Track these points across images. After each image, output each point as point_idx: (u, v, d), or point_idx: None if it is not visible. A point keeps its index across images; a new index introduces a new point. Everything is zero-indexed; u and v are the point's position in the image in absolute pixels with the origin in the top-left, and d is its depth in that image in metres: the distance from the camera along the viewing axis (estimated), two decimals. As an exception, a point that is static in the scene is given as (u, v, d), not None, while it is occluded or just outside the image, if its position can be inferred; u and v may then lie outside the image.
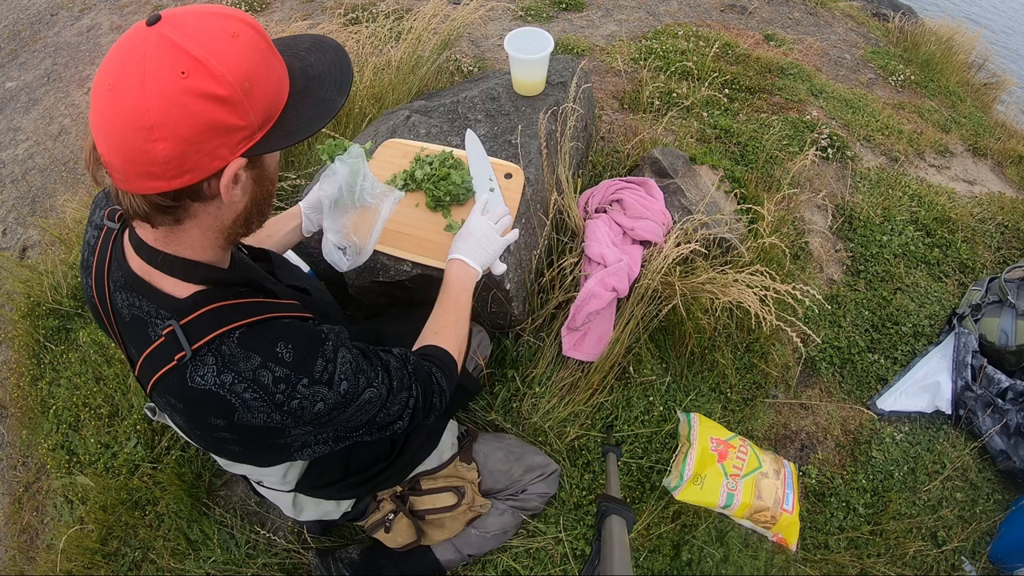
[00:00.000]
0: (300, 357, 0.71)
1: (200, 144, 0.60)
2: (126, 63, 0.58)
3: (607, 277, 1.57)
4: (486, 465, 1.35)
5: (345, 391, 0.74)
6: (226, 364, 0.68)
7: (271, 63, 0.65)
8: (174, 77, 0.56)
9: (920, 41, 3.65)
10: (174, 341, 0.69)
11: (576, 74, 1.81)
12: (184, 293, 0.72)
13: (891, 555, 1.60)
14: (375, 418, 0.83)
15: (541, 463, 1.42)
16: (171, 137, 0.58)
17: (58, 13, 3.96)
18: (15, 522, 1.70)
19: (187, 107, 0.57)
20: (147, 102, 0.56)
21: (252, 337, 0.70)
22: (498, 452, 1.38)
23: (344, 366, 0.75)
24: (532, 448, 1.47)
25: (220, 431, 0.73)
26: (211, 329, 0.69)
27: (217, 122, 0.59)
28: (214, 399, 0.69)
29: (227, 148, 0.62)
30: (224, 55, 0.59)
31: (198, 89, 0.57)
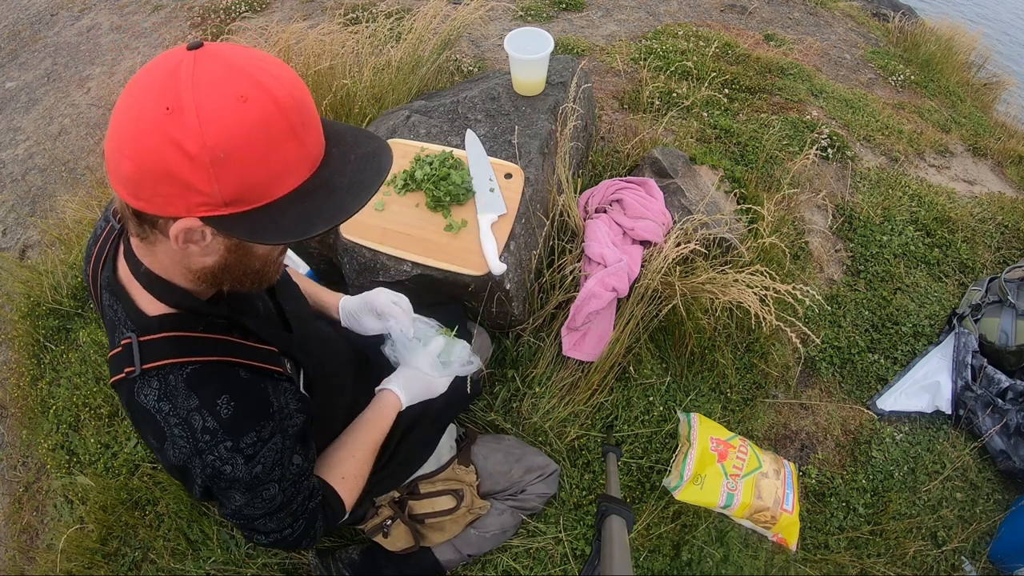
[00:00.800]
0: (235, 420, 0.70)
1: (155, 182, 0.57)
2: (145, 77, 0.58)
3: (607, 277, 1.57)
4: (485, 467, 1.35)
5: (256, 474, 0.72)
6: (167, 393, 0.68)
7: (276, 149, 0.58)
8: (159, 109, 0.55)
9: (920, 41, 3.65)
10: (128, 354, 0.69)
11: (576, 74, 1.81)
12: (154, 312, 0.71)
13: (891, 555, 1.60)
14: (256, 518, 0.79)
15: (541, 464, 1.42)
16: (132, 160, 0.56)
17: (58, 13, 3.96)
18: (15, 522, 1.70)
19: (154, 142, 0.55)
20: (130, 120, 0.56)
21: (200, 378, 0.69)
22: (497, 454, 1.38)
23: (270, 452, 0.73)
24: (532, 449, 1.47)
25: (156, 452, 0.74)
26: (165, 356, 0.68)
27: (175, 173, 0.56)
28: (152, 421, 0.69)
29: (182, 203, 0.58)
30: (215, 114, 0.54)
31: (169, 132, 0.54)
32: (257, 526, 0.80)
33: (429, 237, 1.45)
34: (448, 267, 1.41)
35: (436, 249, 1.43)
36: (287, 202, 0.60)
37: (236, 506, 0.76)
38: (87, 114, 3.03)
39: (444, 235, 1.44)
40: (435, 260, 1.42)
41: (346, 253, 1.52)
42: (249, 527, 0.81)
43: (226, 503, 0.77)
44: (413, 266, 1.44)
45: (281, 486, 0.77)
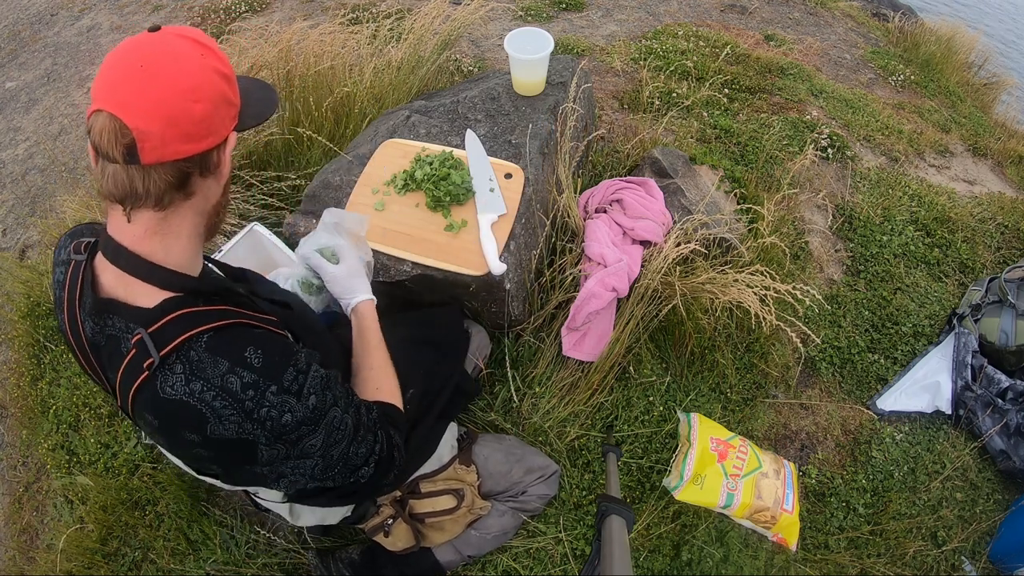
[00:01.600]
0: (270, 363, 0.71)
1: (218, 109, 0.71)
2: (151, 48, 0.68)
3: (607, 277, 1.57)
4: (486, 467, 1.35)
5: (314, 406, 0.74)
6: (194, 371, 0.68)
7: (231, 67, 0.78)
8: (196, 55, 0.69)
9: (920, 41, 3.66)
10: (143, 350, 0.68)
11: (576, 74, 1.81)
12: (153, 302, 0.72)
13: (891, 555, 1.60)
14: (347, 453, 0.81)
15: (541, 464, 1.42)
16: (205, 99, 0.69)
17: (58, 13, 3.96)
18: (15, 522, 1.70)
19: (210, 77, 0.70)
20: (184, 71, 0.67)
21: (221, 341, 0.70)
22: (498, 454, 1.38)
23: (314, 380, 0.75)
24: (532, 449, 1.47)
25: (196, 447, 0.72)
26: (178, 334, 0.69)
27: (225, 95, 0.72)
28: (185, 410, 0.68)
29: (229, 119, 0.74)
30: (218, 51, 0.73)
31: (213, 66, 0.70)
32: (351, 461, 0.82)
33: (429, 237, 1.45)
34: (448, 267, 1.41)
35: (436, 249, 1.43)
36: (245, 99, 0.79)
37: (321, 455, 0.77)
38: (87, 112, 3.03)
39: (444, 235, 1.44)
40: (435, 260, 1.42)
41: (346, 253, 1.52)
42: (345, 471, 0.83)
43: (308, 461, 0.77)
44: (413, 266, 1.44)
45: (342, 408, 0.80)
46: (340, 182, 1.62)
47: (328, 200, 1.60)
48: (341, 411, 0.79)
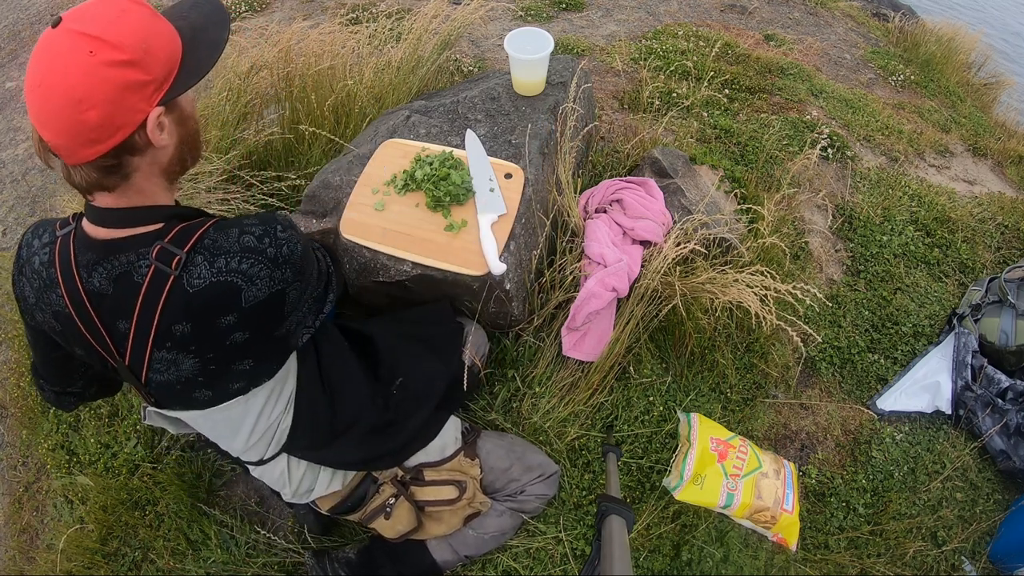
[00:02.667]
0: (264, 218, 0.86)
1: (120, 103, 0.72)
2: (45, 62, 0.71)
3: (607, 277, 1.57)
4: (488, 461, 1.35)
5: (300, 235, 0.89)
6: (213, 252, 0.80)
7: (160, 26, 0.78)
8: (85, 57, 0.70)
9: (920, 41, 3.66)
10: (166, 255, 0.79)
11: (576, 74, 1.81)
12: (155, 228, 0.83)
13: (891, 555, 1.60)
14: (318, 276, 0.97)
15: (541, 463, 1.42)
16: (97, 104, 0.70)
17: (58, 13, 3.96)
18: (15, 522, 1.70)
19: (102, 76, 0.70)
20: (71, 82, 0.69)
21: (222, 226, 0.83)
22: (500, 449, 1.38)
23: (287, 219, 0.89)
24: (533, 447, 1.46)
25: (233, 332, 0.83)
26: (190, 236, 0.81)
27: (129, 82, 0.72)
28: (217, 290, 0.80)
29: (143, 101, 0.75)
30: (118, 29, 0.72)
31: (106, 60, 0.70)
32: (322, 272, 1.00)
33: (429, 237, 1.45)
34: (448, 267, 1.41)
35: (436, 249, 1.43)
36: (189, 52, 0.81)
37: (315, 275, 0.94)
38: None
39: (444, 235, 1.44)
40: (435, 260, 1.42)
41: (346, 253, 1.52)
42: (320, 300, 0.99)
43: (310, 290, 0.94)
44: (413, 266, 1.44)
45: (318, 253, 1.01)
46: (340, 182, 1.62)
47: (328, 200, 1.60)
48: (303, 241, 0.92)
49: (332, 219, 1.56)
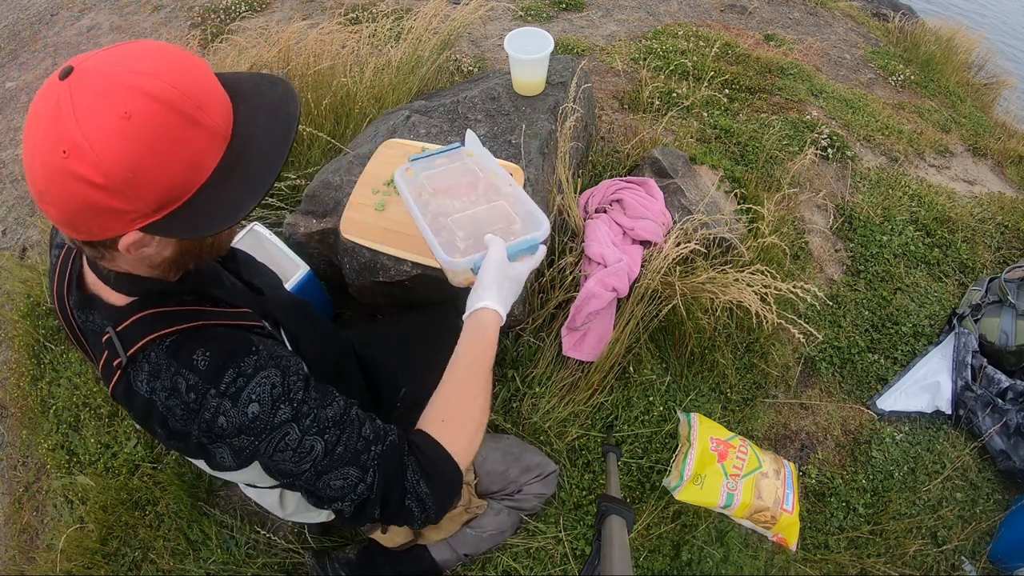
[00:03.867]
0: (214, 366, 0.68)
1: (84, 217, 0.58)
2: (36, 121, 0.57)
3: (607, 277, 1.57)
4: (483, 466, 1.35)
5: (254, 415, 0.68)
6: (154, 371, 0.68)
7: (178, 146, 0.58)
8: (56, 154, 0.55)
9: (920, 41, 3.66)
10: (112, 349, 0.69)
11: (576, 74, 1.81)
12: (123, 302, 0.72)
13: (891, 555, 1.60)
14: (313, 481, 0.72)
15: (539, 463, 1.42)
16: (57, 204, 0.58)
17: (58, 13, 3.95)
18: (15, 522, 1.70)
19: (66, 185, 0.56)
20: (36, 170, 0.57)
21: (178, 345, 0.69)
22: (496, 453, 1.38)
23: (261, 387, 0.69)
24: (531, 448, 1.46)
25: (166, 440, 0.73)
26: (142, 335, 0.68)
27: (96, 204, 0.57)
28: (150, 407, 0.69)
29: (117, 224, 0.59)
30: (106, 141, 0.54)
31: (75, 171, 0.55)
32: (322, 491, 0.73)
33: (429, 237, 1.45)
34: (448, 267, 1.41)
35: (436, 249, 1.43)
36: (212, 187, 0.61)
37: (283, 469, 0.71)
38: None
39: (444, 235, 1.44)
40: (435, 260, 1.42)
41: (346, 253, 1.52)
42: (320, 496, 0.74)
43: (273, 469, 0.72)
44: (413, 266, 1.44)
45: (304, 427, 0.70)
46: (340, 182, 1.62)
47: (328, 200, 1.60)
48: (300, 433, 0.70)
49: (332, 219, 1.56)
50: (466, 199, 1.07)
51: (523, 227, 1.00)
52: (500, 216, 1.03)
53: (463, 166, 1.15)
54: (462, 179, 1.12)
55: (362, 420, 0.77)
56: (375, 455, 0.75)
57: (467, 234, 1.00)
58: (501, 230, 1.00)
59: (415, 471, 0.76)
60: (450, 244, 0.98)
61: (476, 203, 1.06)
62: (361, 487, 0.73)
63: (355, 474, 0.73)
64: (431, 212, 1.05)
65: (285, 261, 1.55)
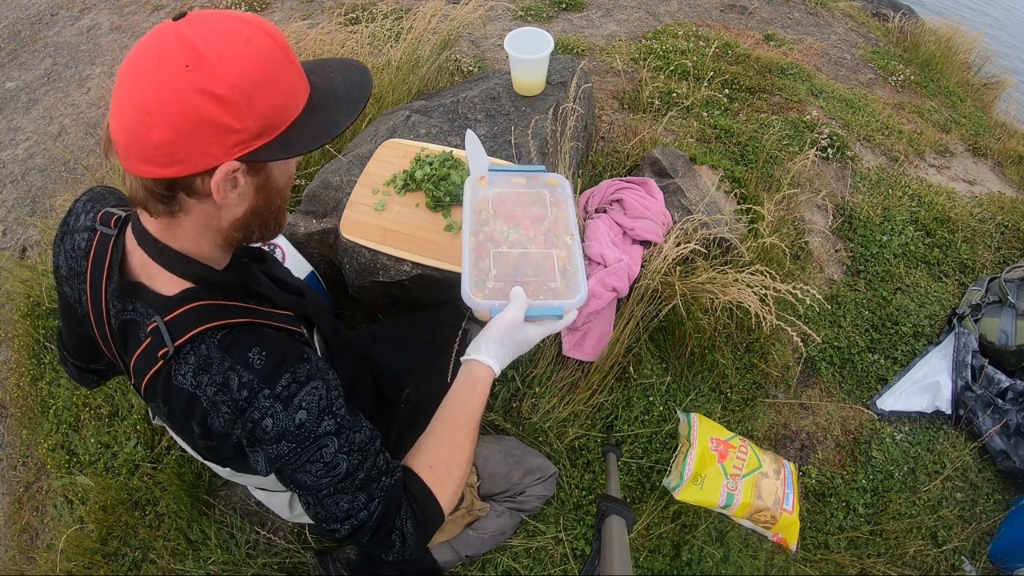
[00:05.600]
0: (270, 367, 0.69)
1: (192, 137, 0.61)
2: (147, 52, 0.61)
3: (607, 277, 1.57)
4: (485, 468, 1.35)
5: (300, 422, 0.69)
6: (203, 365, 0.68)
7: (284, 75, 0.65)
8: (179, 69, 0.58)
9: (920, 41, 3.66)
10: (158, 338, 0.69)
11: (576, 74, 1.81)
12: (173, 291, 0.71)
13: (891, 555, 1.60)
14: (324, 497, 0.74)
15: (540, 465, 1.42)
16: (165, 125, 0.59)
17: (58, 13, 3.95)
18: (15, 522, 1.70)
19: (184, 99, 0.59)
20: (151, 88, 0.59)
21: (232, 339, 0.70)
22: (497, 455, 1.38)
23: (311, 395, 0.70)
24: (531, 451, 1.46)
25: (199, 439, 0.72)
26: (193, 326, 0.69)
27: (211, 119, 0.60)
28: (192, 402, 0.69)
29: (220, 148, 0.62)
30: (231, 56, 0.60)
31: (198, 84, 0.59)
32: (329, 508, 0.75)
33: (429, 237, 1.45)
34: (448, 267, 1.41)
35: (436, 249, 1.43)
36: (304, 118, 0.68)
37: (305, 480, 0.72)
38: (87, 114, 3.03)
39: (444, 235, 1.44)
40: (435, 260, 1.42)
41: (346, 254, 1.52)
42: (323, 513, 0.75)
43: (294, 478, 0.73)
44: (413, 266, 1.44)
45: (340, 446, 0.72)
46: (340, 182, 1.62)
47: (328, 200, 1.60)
48: (335, 448, 0.72)
49: (332, 219, 1.56)
50: (524, 233, 1.00)
51: (560, 288, 0.93)
52: (546, 267, 0.96)
53: (536, 195, 1.07)
54: (530, 209, 1.04)
55: (379, 451, 0.79)
56: (384, 486, 0.77)
57: (503, 273, 0.93)
58: (536, 284, 0.93)
59: (407, 510, 0.79)
60: (482, 276, 0.93)
61: (532, 240, 0.99)
62: (363, 514, 0.75)
63: (363, 500, 0.75)
64: (483, 233, 0.98)
65: (292, 262, 1.55)
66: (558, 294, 0.92)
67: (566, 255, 0.98)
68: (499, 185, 1.08)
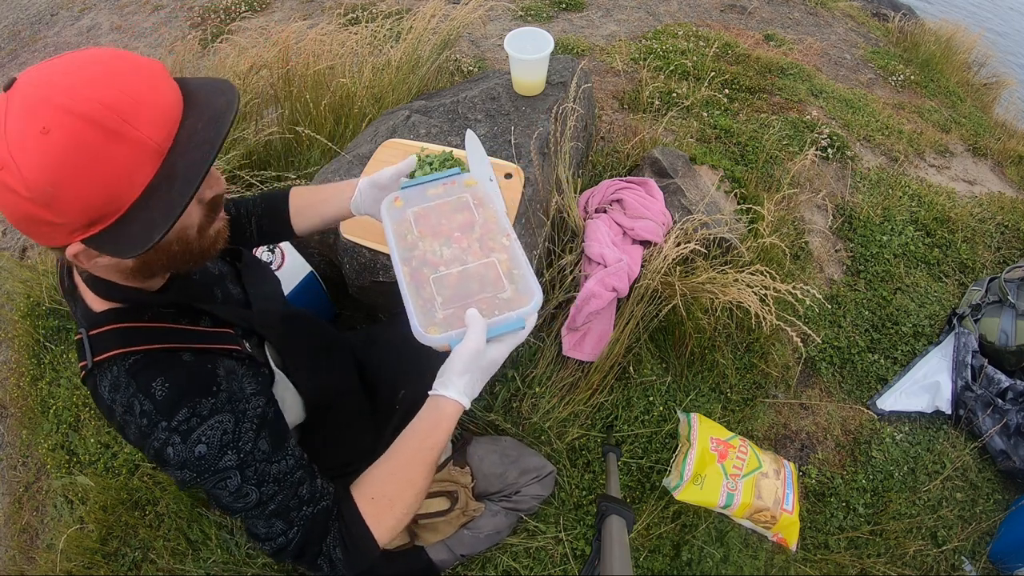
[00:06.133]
0: (170, 399, 0.69)
1: (27, 226, 0.59)
2: None
3: (607, 277, 1.57)
4: (480, 468, 1.34)
5: (200, 455, 0.69)
6: (115, 384, 0.70)
7: (98, 163, 0.56)
8: None
9: (920, 41, 3.66)
10: (82, 350, 0.72)
11: (576, 74, 1.81)
12: (100, 307, 0.73)
13: (891, 555, 1.60)
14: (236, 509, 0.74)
15: (537, 465, 1.42)
16: (4, 213, 0.59)
17: (58, 13, 3.96)
18: (15, 522, 1.70)
19: (4, 196, 0.57)
20: None
21: (141, 366, 0.70)
22: (493, 455, 1.37)
23: (212, 430, 0.70)
24: (529, 450, 1.46)
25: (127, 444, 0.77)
26: (111, 348, 0.70)
27: (31, 214, 0.58)
28: (109, 412, 0.72)
29: (58, 234, 0.60)
30: (27, 156, 0.55)
31: (7, 183, 0.56)
32: (249, 527, 0.77)
33: (429, 237, 1.44)
34: (448, 267, 1.41)
35: (436, 249, 1.43)
36: (139, 205, 0.60)
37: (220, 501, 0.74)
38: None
39: (444, 235, 1.44)
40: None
41: (346, 253, 1.52)
42: (246, 528, 0.78)
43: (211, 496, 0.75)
44: (413, 266, 1.44)
45: (245, 476, 0.72)
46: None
47: (328, 200, 1.60)
48: (239, 481, 0.72)
49: (332, 219, 1.56)
50: (456, 246, 0.92)
51: (512, 296, 0.86)
52: (491, 277, 0.89)
53: (458, 202, 1.00)
54: (456, 218, 0.96)
55: (302, 480, 0.78)
56: (304, 516, 0.77)
57: (449, 297, 0.86)
58: (487, 299, 0.86)
59: (336, 538, 0.79)
60: (429, 306, 0.85)
61: (468, 252, 0.91)
62: (282, 539, 0.76)
63: (280, 526, 0.76)
64: (415, 259, 0.90)
65: (291, 262, 1.55)
66: (512, 303, 0.85)
67: (507, 257, 0.90)
68: (416, 202, 1.00)
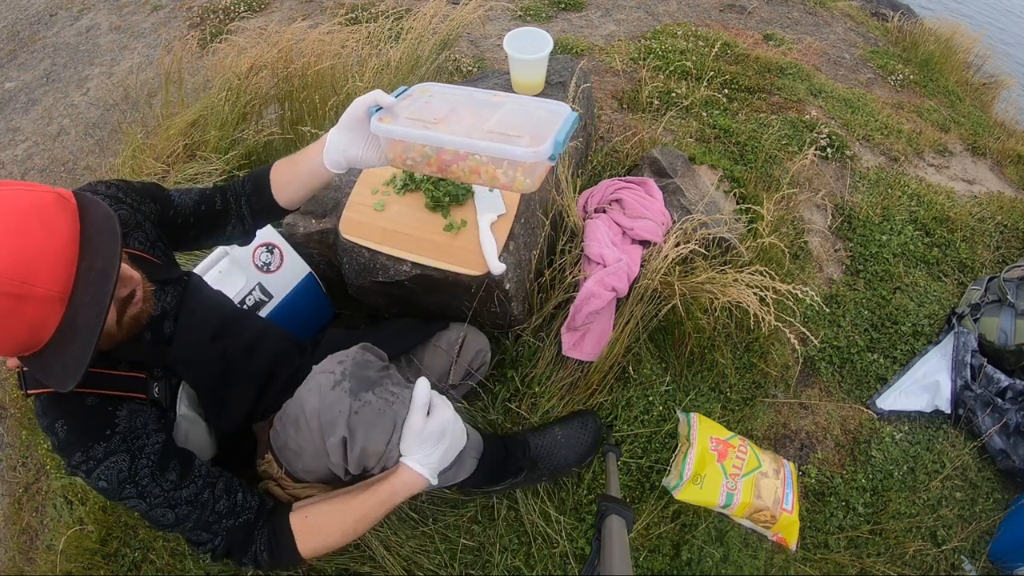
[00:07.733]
0: (68, 441, 0.79)
1: None
2: None
3: (607, 277, 1.57)
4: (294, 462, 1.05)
5: (103, 488, 0.81)
6: (38, 413, 0.82)
7: (10, 319, 0.62)
8: None
9: (919, 41, 3.66)
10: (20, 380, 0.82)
11: (575, 74, 1.81)
12: None
13: (891, 555, 1.60)
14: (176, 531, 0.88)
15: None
16: None
17: (57, 13, 3.95)
18: (15, 522, 1.70)
19: None
20: None
21: (49, 405, 0.81)
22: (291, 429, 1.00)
23: (109, 470, 0.79)
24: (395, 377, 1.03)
25: None
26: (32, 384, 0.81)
27: None
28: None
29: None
30: None
31: None
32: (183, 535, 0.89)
33: (429, 237, 1.45)
34: (447, 267, 1.41)
35: (436, 249, 1.43)
36: (54, 346, 0.67)
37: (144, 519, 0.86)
38: (86, 114, 3.03)
39: (444, 235, 1.44)
40: (434, 260, 1.42)
41: (345, 253, 1.52)
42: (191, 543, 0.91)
43: None
44: (412, 266, 1.44)
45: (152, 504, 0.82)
46: (339, 182, 1.62)
47: (327, 200, 1.60)
48: (147, 507, 0.83)
49: (331, 219, 1.56)
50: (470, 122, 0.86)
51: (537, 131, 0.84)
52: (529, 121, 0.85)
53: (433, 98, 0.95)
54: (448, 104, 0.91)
55: (217, 498, 0.88)
56: (225, 527, 0.88)
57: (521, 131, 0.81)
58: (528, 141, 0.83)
59: (263, 544, 0.90)
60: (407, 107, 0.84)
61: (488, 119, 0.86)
62: (209, 545, 0.88)
63: (206, 536, 0.88)
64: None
65: (290, 263, 1.55)
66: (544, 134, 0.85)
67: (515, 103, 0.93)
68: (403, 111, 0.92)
